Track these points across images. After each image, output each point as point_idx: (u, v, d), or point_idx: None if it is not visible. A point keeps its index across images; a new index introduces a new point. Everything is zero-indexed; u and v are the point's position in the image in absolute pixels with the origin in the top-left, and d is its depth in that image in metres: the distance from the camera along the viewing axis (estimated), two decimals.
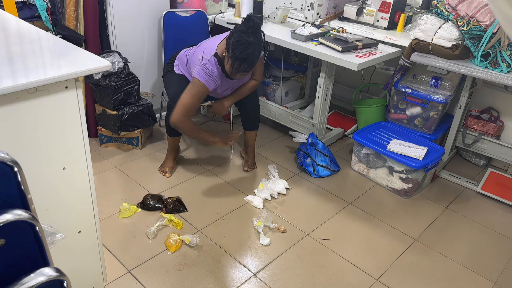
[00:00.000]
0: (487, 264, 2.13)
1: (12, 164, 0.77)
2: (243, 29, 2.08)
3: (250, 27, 2.08)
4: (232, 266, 2.00)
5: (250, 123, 2.69)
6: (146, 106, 2.85)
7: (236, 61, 2.09)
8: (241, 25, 2.11)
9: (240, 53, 2.06)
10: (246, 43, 2.05)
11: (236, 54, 2.07)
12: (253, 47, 2.07)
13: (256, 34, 2.10)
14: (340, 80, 3.64)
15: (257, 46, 2.10)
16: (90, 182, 1.43)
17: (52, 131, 1.27)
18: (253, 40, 2.07)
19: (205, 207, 2.39)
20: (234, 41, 2.07)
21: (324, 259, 2.08)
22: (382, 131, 2.81)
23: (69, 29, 2.61)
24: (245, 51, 2.06)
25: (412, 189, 2.58)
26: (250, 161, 2.78)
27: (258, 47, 2.10)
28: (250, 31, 2.07)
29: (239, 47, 2.06)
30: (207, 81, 2.23)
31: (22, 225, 0.77)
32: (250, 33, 2.07)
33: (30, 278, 0.74)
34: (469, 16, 2.26)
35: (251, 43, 2.06)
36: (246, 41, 2.05)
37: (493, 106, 2.89)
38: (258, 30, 2.11)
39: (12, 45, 1.38)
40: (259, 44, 2.11)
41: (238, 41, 2.06)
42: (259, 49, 2.12)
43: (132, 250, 2.05)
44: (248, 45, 2.06)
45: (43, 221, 0.86)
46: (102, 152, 2.85)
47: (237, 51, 2.06)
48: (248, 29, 2.07)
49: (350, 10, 2.91)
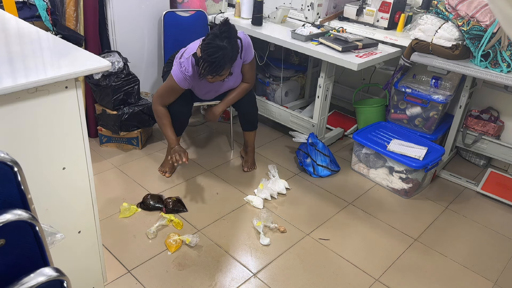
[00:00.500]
0: (487, 264, 2.13)
1: (12, 164, 0.77)
2: (216, 33, 2.05)
3: (224, 32, 2.04)
4: (232, 266, 2.00)
5: (248, 124, 2.69)
6: (146, 106, 2.85)
7: (204, 63, 2.06)
8: (216, 28, 2.08)
9: (208, 55, 2.03)
10: (217, 46, 2.02)
11: (204, 56, 2.05)
12: (223, 51, 2.03)
13: (230, 40, 2.05)
14: (340, 80, 3.64)
15: (228, 52, 2.05)
16: (90, 182, 1.43)
17: (52, 131, 1.27)
18: (224, 45, 2.03)
19: (205, 207, 2.39)
20: (206, 43, 2.04)
21: (324, 259, 2.08)
22: (382, 131, 2.81)
23: (69, 29, 2.61)
24: (213, 54, 2.02)
25: (412, 189, 2.58)
26: (250, 161, 2.78)
27: (229, 52, 2.05)
28: (224, 35, 2.04)
29: (208, 49, 2.03)
30: (179, 79, 2.25)
31: (22, 225, 0.77)
32: (224, 38, 2.04)
33: (30, 278, 0.74)
34: (469, 16, 2.26)
35: (222, 48, 2.02)
36: (217, 45, 2.02)
37: (493, 106, 2.89)
38: (232, 36, 2.07)
39: (12, 45, 1.38)
40: (231, 49, 2.06)
41: (209, 44, 2.03)
42: (230, 55, 2.07)
43: (132, 250, 2.05)
44: (218, 49, 2.02)
45: (43, 221, 0.86)
46: (102, 152, 2.85)
47: (206, 54, 2.04)
48: (221, 33, 2.04)
49: (350, 10, 2.91)
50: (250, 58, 2.38)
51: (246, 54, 2.33)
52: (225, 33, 2.04)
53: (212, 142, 3.09)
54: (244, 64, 2.39)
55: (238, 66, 2.36)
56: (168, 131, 2.38)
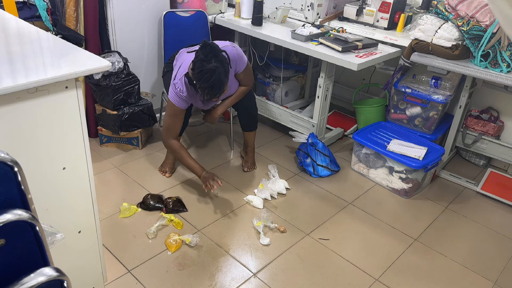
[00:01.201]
0: (487, 264, 2.13)
1: (12, 164, 0.77)
2: (202, 58, 2.04)
3: (209, 53, 2.04)
4: (232, 266, 2.00)
5: (248, 124, 2.69)
6: (146, 106, 2.85)
7: (205, 90, 2.07)
8: (199, 53, 2.06)
9: (205, 82, 2.03)
10: (209, 71, 2.02)
11: (202, 84, 2.05)
12: (217, 71, 2.03)
13: (217, 57, 2.05)
14: (340, 80, 3.64)
15: (221, 69, 2.05)
16: (90, 182, 1.43)
17: (52, 131, 1.27)
18: (215, 65, 2.03)
19: (205, 207, 2.39)
20: (197, 71, 2.04)
21: (324, 259, 2.08)
22: (382, 131, 2.81)
23: (69, 29, 2.61)
24: (209, 79, 2.03)
25: (412, 189, 2.58)
26: (250, 161, 2.78)
27: (221, 69, 2.06)
28: (210, 56, 2.03)
29: (203, 77, 2.03)
30: (177, 101, 2.26)
31: (22, 225, 0.77)
32: (211, 58, 2.03)
33: (30, 278, 0.74)
34: (469, 16, 2.26)
35: (213, 70, 2.02)
36: (209, 69, 2.02)
37: (493, 106, 2.89)
38: (217, 53, 2.06)
39: (12, 45, 1.38)
40: (222, 65, 2.06)
41: (201, 71, 2.03)
42: (224, 70, 2.07)
43: (132, 250, 2.05)
44: (212, 72, 2.02)
45: (43, 221, 0.86)
46: (102, 152, 2.85)
47: (202, 82, 2.04)
48: (207, 55, 2.03)
49: (350, 10, 2.91)
50: (243, 67, 2.36)
51: (237, 65, 2.32)
52: (210, 54, 2.04)
53: (212, 142, 3.09)
54: (237, 73, 2.38)
55: (231, 78, 2.35)
56: (190, 162, 2.36)
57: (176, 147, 2.38)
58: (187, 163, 2.37)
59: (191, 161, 2.36)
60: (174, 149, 2.39)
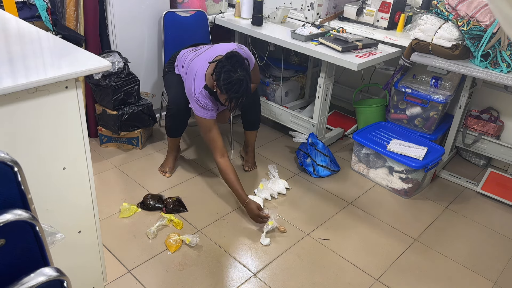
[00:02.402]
0: (487, 264, 2.13)
1: (12, 164, 0.77)
2: (229, 68, 2.04)
3: (236, 63, 2.05)
4: (232, 266, 2.00)
5: (250, 124, 2.69)
6: (146, 106, 2.85)
7: (234, 100, 2.08)
8: (225, 64, 2.06)
9: (235, 92, 2.05)
10: (238, 81, 2.03)
11: (232, 95, 2.06)
12: (245, 79, 2.05)
13: (242, 66, 2.07)
14: (340, 80, 3.64)
15: (247, 76, 2.07)
16: (90, 182, 1.43)
17: (52, 131, 1.27)
18: (242, 74, 2.04)
19: (205, 207, 2.39)
20: (225, 82, 2.03)
21: (324, 259, 2.08)
22: (382, 131, 2.81)
23: (69, 29, 2.61)
24: (239, 89, 2.04)
25: (412, 189, 2.58)
26: (250, 161, 2.78)
27: (248, 77, 2.08)
28: (236, 66, 2.04)
29: (232, 87, 2.04)
30: (207, 114, 2.25)
31: (22, 225, 0.77)
32: (237, 68, 2.04)
33: (30, 278, 0.74)
34: (469, 16, 2.26)
35: (242, 79, 2.03)
36: (238, 79, 2.03)
37: (493, 106, 2.89)
38: (242, 61, 2.08)
39: (12, 45, 1.38)
40: (247, 72, 2.08)
41: (230, 82, 2.03)
42: (249, 78, 2.09)
43: (132, 250, 2.05)
44: (241, 82, 2.03)
45: (43, 221, 0.86)
46: (102, 152, 2.85)
47: (232, 92, 2.05)
48: (233, 65, 2.04)
49: (350, 10, 2.91)
50: (252, 66, 2.36)
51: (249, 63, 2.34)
52: (236, 64, 2.05)
53: None
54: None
55: None
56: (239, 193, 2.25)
57: (223, 168, 2.27)
58: (234, 188, 2.27)
59: (238, 187, 2.25)
60: (222, 170, 2.29)
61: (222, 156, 2.29)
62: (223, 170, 2.29)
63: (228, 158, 2.31)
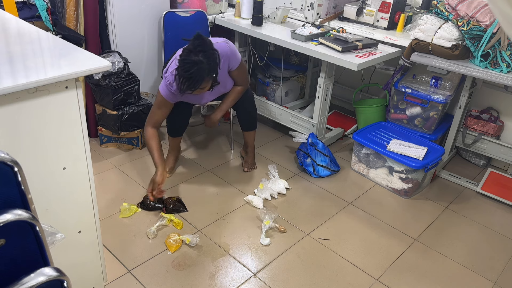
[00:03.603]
0: (487, 264, 2.13)
1: (12, 164, 0.77)
2: (190, 48, 2.03)
3: (198, 46, 2.02)
4: (232, 266, 2.00)
5: (247, 124, 2.69)
6: (146, 106, 2.85)
7: (180, 79, 2.05)
8: (190, 43, 2.06)
9: (184, 71, 2.02)
10: (192, 62, 2.00)
11: (180, 72, 2.03)
12: (199, 66, 2.01)
13: (206, 53, 2.03)
14: (340, 80, 3.64)
15: (204, 65, 2.02)
16: (90, 182, 1.43)
17: (52, 131, 1.27)
18: (200, 59, 2.01)
19: (205, 207, 2.39)
20: (181, 59, 2.03)
21: (324, 259, 2.08)
22: (382, 131, 2.81)
23: (69, 29, 2.61)
24: (189, 70, 2.01)
25: (412, 189, 2.58)
26: (250, 161, 2.78)
27: (205, 66, 2.03)
28: (198, 49, 2.02)
29: (183, 66, 2.01)
30: (166, 94, 2.26)
31: (22, 225, 0.77)
32: (198, 52, 2.02)
33: (30, 278, 0.74)
34: (469, 16, 2.26)
35: (197, 62, 2.00)
36: (191, 60, 2.00)
37: (493, 106, 2.89)
38: (207, 48, 2.05)
39: (12, 45, 1.38)
40: (207, 62, 2.03)
41: (184, 60, 2.02)
42: (207, 67, 2.04)
43: (132, 250, 2.05)
44: (193, 64, 2.00)
45: (43, 221, 0.86)
46: (102, 152, 2.85)
47: (182, 70, 2.02)
48: (195, 47, 2.02)
49: (350, 10, 2.91)
50: (236, 65, 2.34)
51: (230, 61, 2.30)
52: (199, 47, 2.02)
53: (212, 142, 3.09)
54: (231, 71, 2.35)
55: (224, 75, 2.33)
56: (154, 154, 2.29)
57: (148, 135, 2.32)
58: (152, 155, 2.31)
59: (156, 154, 2.29)
60: (146, 137, 2.33)
61: (152, 127, 2.33)
62: (149, 136, 2.32)
63: (157, 131, 2.34)
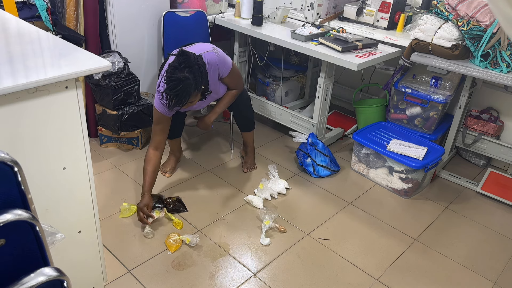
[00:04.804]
0: (487, 264, 2.13)
1: (12, 164, 0.77)
2: (175, 65, 2.01)
3: (183, 62, 2.01)
4: (232, 266, 2.00)
5: (244, 125, 2.69)
6: (146, 106, 2.85)
7: (168, 96, 2.04)
8: (174, 60, 2.04)
9: (171, 89, 2.00)
10: (177, 79, 1.99)
11: (168, 91, 2.02)
12: (185, 82, 1.99)
13: (191, 68, 2.02)
14: (340, 80, 3.64)
15: (191, 81, 2.01)
16: (90, 182, 1.43)
17: (52, 131, 1.27)
18: (185, 75, 1.99)
19: (205, 207, 2.39)
20: (167, 76, 2.02)
21: (324, 259, 2.08)
22: (382, 131, 2.81)
23: (69, 29, 2.61)
24: (176, 87, 1.99)
25: (412, 189, 2.58)
26: (249, 161, 2.78)
27: (191, 81, 2.01)
28: (183, 66, 2.00)
29: (170, 83, 2.00)
30: (161, 108, 2.23)
31: (22, 225, 0.77)
32: (183, 68, 2.00)
33: (30, 278, 0.74)
34: (469, 16, 2.26)
35: (183, 79, 1.99)
36: (177, 78, 1.99)
37: (493, 106, 2.89)
38: (192, 64, 2.03)
39: (12, 45, 1.38)
40: (193, 78, 2.02)
41: (170, 78, 2.00)
42: (194, 83, 2.03)
43: (132, 250, 2.05)
44: (179, 81, 1.99)
45: (43, 221, 0.86)
46: (102, 152, 2.85)
47: (168, 88, 2.01)
48: (180, 64, 2.01)
49: (350, 10, 2.91)
50: (226, 72, 2.31)
51: (219, 70, 2.28)
52: (183, 63, 2.01)
53: (212, 142, 3.09)
54: (222, 78, 2.34)
55: (215, 83, 2.31)
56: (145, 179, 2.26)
57: (146, 158, 2.28)
58: (143, 180, 2.26)
59: (147, 181, 2.25)
60: (145, 159, 2.30)
61: (154, 149, 2.30)
62: (146, 159, 2.29)
63: (159, 154, 2.31)
